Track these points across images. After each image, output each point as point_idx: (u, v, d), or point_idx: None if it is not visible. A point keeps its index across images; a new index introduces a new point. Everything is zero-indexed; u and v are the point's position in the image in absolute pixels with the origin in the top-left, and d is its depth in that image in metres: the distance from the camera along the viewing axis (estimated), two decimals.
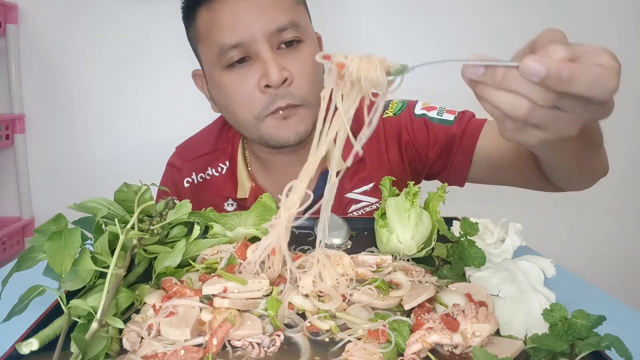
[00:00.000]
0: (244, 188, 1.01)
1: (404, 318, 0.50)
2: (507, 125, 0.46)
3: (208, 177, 1.06)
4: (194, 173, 1.06)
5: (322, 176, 0.97)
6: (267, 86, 0.83)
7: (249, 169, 1.04)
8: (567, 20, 1.78)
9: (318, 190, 0.95)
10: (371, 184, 0.98)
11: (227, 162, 1.05)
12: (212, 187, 1.04)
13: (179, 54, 1.73)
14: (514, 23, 1.76)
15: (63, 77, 1.77)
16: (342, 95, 0.53)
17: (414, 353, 0.46)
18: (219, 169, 1.05)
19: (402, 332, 0.48)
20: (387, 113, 1.00)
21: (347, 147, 0.93)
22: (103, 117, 1.80)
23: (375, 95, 0.52)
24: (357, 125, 1.03)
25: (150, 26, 1.73)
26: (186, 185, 1.05)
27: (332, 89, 0.54)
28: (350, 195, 0.98)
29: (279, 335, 0.49)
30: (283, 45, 0.84)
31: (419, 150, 0.97)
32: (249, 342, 0.48)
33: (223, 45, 0.83)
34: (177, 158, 1.09)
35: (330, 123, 0.56)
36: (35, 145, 1.81)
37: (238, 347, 0.48)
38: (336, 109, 0.55)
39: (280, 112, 0.85)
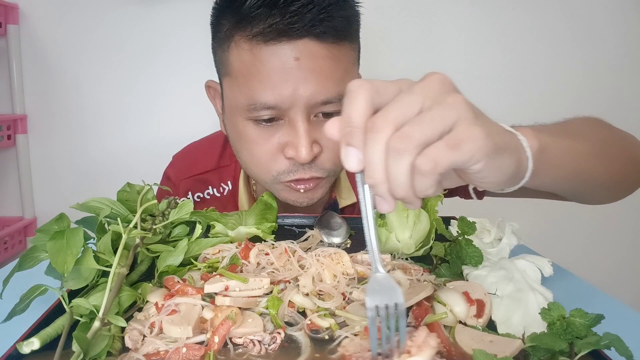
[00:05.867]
0: None
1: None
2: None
3: (208, 197, 0.98)
4: (190, 193, 0.98)
5: (330, 206, 0.94)
6: (293, 157, 0.75)
7: (254, 189, 0.97)
8: (567, 21, 1.79)
9: None
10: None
11: (230, 183, 0.97)
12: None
13: (182, 55, 1.74)
14: (516, 25, 1.76)
15: (64, 78, 1.78)
16: None
17: None
18: (221, 189, 0.98)
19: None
20: None
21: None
22: (105, 117, 1.81)
23: None
24: None
25: (153, 27, 1.74)
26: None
27: None
28: None
29: (279, 333, 0.50)
30: (320, 115, 0.75)
31: None
32: (250, 340, 0.49)
33: (257, 102, 0.72)
34: (173, 171, 1.02)
35: None
36: (37, 145, 1.82)
37: (239, 345, 0.49)
38: None
39: (302, 185, 0.78)
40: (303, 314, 0.55)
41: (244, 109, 0.75)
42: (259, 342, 0.49)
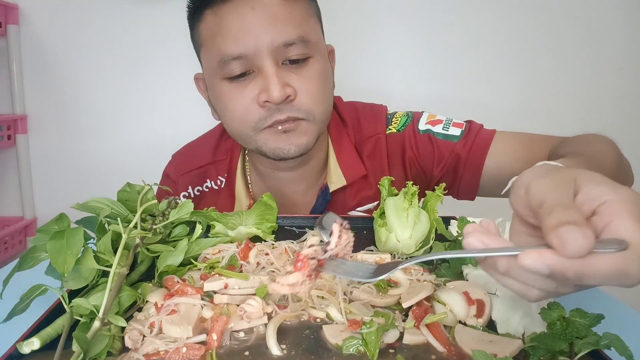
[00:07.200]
0: (241, 205, 0.98)
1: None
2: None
3: (206, 190, 1.02)
4: (190, 187, 1.02)
5: (322, 192, 0.95)
6: (267, 101, 0.79)
7: (248, 180, 1.01)
8: (567, 21, 1.78)
9: (318, 206, 0.95)
10: (375, 202, 0.94)
11: (226, 176, 1.01)
12: (209, 200, 1.00)
13: (182, 55, 1.74)
14: (511, 25, 1.76)
15: (64, 78, 1.78)
16: None
17: None
18: (218, 182, 1.01)
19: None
20: (390, 129, 0.96)
21: (350, 164, 0.93)
22: (105, 117, 1.81)
23: None
24: (359, 137, 1.00)
25: (152, 27, 1.74)
26: (183, 199, 1.00)
27: None
28: (353, 213, 0.96)
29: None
30: (288, 62, 0.80)
31: (424, 168, 0.94)
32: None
33: (225, 55, 0.78)
34: (172, 169, 1.05)
35: None
36: (37, 145, 1.82)
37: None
38: None
39: (280, 126, 0.81)
40: None
41: (217, 69, 0.81)
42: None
